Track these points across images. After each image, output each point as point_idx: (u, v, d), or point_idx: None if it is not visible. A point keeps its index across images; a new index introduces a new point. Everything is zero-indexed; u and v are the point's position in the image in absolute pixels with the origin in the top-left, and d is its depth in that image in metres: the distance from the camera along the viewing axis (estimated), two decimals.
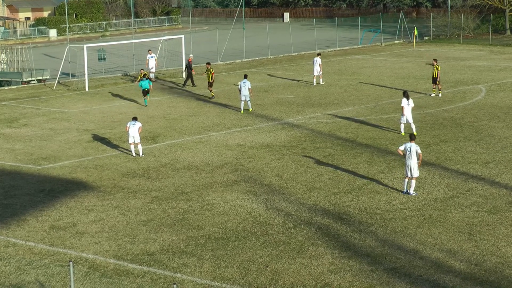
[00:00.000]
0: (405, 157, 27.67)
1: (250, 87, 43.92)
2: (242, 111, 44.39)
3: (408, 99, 37.05)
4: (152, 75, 57.82)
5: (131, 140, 34.23)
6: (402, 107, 37.08)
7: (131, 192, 28.97)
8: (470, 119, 40.77)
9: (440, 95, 48.12)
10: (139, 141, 34.28)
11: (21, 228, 25.07)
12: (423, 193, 27.79)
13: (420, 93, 49.25)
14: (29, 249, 23.13)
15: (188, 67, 55.53)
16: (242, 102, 44.49)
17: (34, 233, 24.54)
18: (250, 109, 44.66)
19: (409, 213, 25.68)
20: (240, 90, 44.16)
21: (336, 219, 25.32)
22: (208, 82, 49.48)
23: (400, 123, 37.62)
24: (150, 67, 58.83)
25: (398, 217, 25.30)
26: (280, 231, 24.24)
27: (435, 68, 47.77)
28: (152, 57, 58.52)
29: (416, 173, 27.47)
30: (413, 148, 27.42)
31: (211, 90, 49.63)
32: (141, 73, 52.43)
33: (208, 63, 50.56)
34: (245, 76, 45.18)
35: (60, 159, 34.34)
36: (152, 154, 34.89)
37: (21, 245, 23.51)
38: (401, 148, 27.93)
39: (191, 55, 56.63)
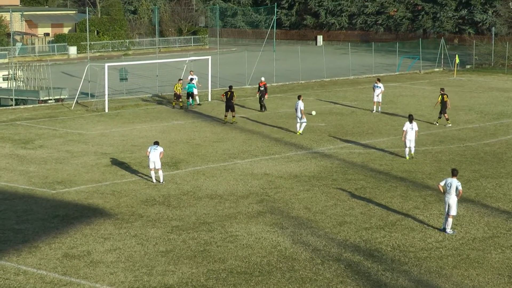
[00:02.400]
0: (444, 193, 27.53)
1: (302, 108, 45.51)
2: (298, 132, 45.90)
3: (411, 123, 38.61)
4: (197, 98, 57.92)
5: (151, 166, 34.34)
6: (403, 131, 38.75)
7: (150, 220, 29.03)
8: None
9: (437, 123, 49.14)
10: (160, 166, 34.39)
11: (33, 255, 25.18)
12: (461, 232, 27.62)
13: (458, 125, 49.07)
14: (40, 278, 23.22)
15: (263, 89, 55.30)
16: (298, 124, 46.15)
17: (47, 261, 24.64)
18: (299, 132, 45.90)
19: (445, 253, 25.54)
20: (296, 111, 45.85)
21: (367, 256, 25.23)
22: (227, 105, 49.68)
23: (406, 147, 39.00)
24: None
25: (433, 256, 25.17)
26: (307, 267, 24.18)
27: (440, 98, 48.32)
28: (194, 78, 58.25)
29: (454, 211, 27.27)
30: (454, 184, 27.24)
31: (234, 116, 49.92)
32: (180, 83, 54.86)
33: (230, 86, 51.12)
34: (299, 97, 46.66)
35: (76, 184, 34.52)
36: (173, 181, 34.98)
37: (32, 273, 23.60)
38: (442, 183, 27.76)
39: (262, 78, 56.54)
